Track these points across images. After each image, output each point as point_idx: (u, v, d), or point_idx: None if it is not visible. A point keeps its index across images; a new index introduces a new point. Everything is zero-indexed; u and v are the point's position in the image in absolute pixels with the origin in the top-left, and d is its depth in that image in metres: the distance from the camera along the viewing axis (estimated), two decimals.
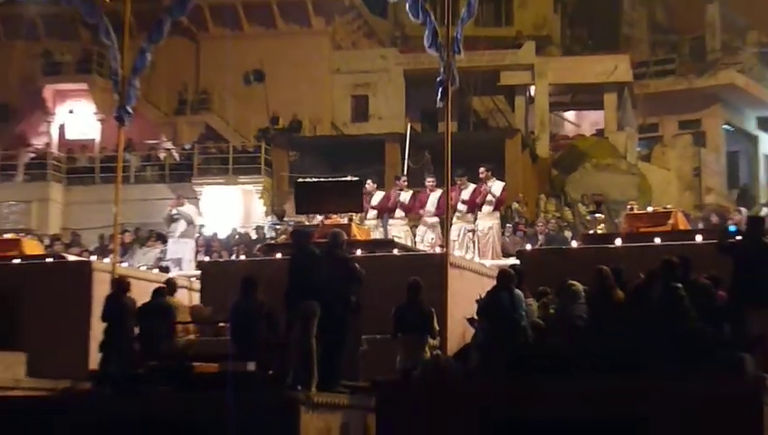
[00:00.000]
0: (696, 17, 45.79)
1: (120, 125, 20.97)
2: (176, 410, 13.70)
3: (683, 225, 19.83)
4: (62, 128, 42.63)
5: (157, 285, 17.55)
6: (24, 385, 17.00)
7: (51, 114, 43.02)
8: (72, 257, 23.61)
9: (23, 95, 43.95)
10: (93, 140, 41.21)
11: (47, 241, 28.87)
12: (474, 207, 22.46)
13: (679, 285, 12.98)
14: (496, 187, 23.26)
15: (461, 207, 22.47)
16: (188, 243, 26.53)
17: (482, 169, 23.72)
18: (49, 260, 22.49)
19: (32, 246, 23.36)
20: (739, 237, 15.35)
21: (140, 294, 17.52)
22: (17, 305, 18.76)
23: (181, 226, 27.52)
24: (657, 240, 17.70)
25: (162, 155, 38.57)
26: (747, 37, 42.91)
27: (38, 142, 41.84)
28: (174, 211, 27.75)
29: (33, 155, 40.16)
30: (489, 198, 22.71)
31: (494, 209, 22.93)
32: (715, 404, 11.55)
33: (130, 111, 20.56)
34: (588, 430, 11.52)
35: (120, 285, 16.47)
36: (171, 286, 17.03)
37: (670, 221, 19.54)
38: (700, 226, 21.81)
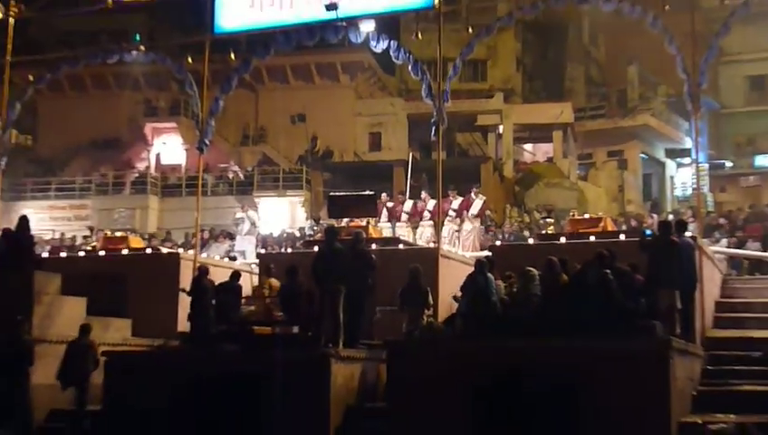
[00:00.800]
0: (620, 75, 45.75)
1: (200, 153, 21.06)
2: (240, 362, 13.74)
3: (610, 227, 19.78)
4: (157, 155, 42.77)
5: (233, 270, 17.68)
6: (130, 343, 17.08)
7: (149, 145, 43.16)
8: (164, 249, 23.63)
9: (129, 131, 44.11)
10: (180, 164, 41.32)
11: (147, 237, 28.91)
12: (461, 213, 22.50)
13: (608, 271, 12.97)
14: (479, 201, 23.31)
15: (451, 213, 22.52)
16: (251, 239, 26.59)
17: (474, 189, 23.86)
18: (148, 251, 22.58)
19: (135, 242, 23.42)
20: (651, 237, 15.39)
21: (215, 275, 17.63)
22: (125, 285, 18.84)
23: (246, 226, 27.59)
24: (592, 238, 17.65)
25: (231, 175, 38.64)
26: (658, 90, 42.82)
27: (140, 166, 42.00)
28: (241, 215, 27.89)
29: (136, 175, 40.28)
30: (473, 208, 22.76)
31: (476, 216, 22.95)
32: (633, 358, 11.54)
33: (208, 142, 20.63)
34: (540, 374, 11.52)
35: (202, 270, 16.52)
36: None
37: (601, 224, 19.50)
38: (623, 228, 21.71)
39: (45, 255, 21.31)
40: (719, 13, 25.00)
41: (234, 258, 23.66)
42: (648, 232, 17.11)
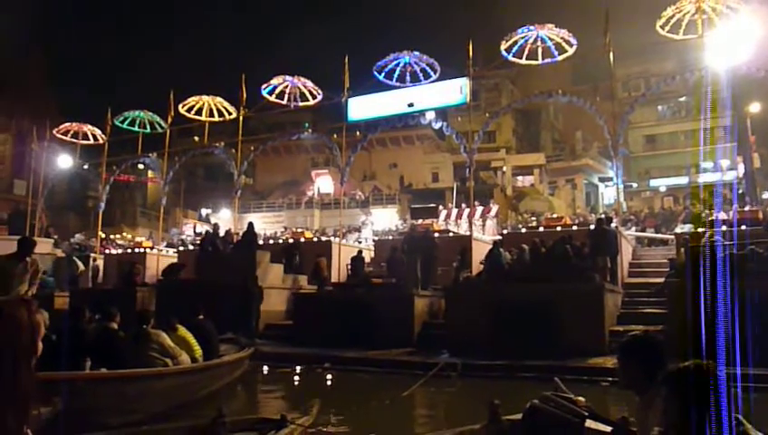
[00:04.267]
0: (571, 137, 44.81)
1: (341, 186, 21.26)
2: (364, 298, 13.86)
3: (568, 222, 19.38)
4: (318, 188, 43.28)
5: (357, 249, 17.80)
6: (305, 288, 17.21)
7: (314, 182, 43.75)
8: (323, 238, 23.90)
9: (303, 175, 44.79)
10: (330, 192, 41.64)
11: (313, 232, 29.30)
12: (484, 216, 22.25)
13: (567, 246, 12.75)
14: (495, 208, 23.14)
15: (478, 215, 22.30)
16: (371, 232, 26.75)
17: (491, 202, 23.73)
18: (315, 239, 22.89)
19: (308, 234, 23.74)
20: (592, 226, 15.06)
21: (349, 252, 17.77)
22: (301, 256, 19.04)
23: (369, 226, 27.83)
24: (558, 228, 17.37)
25: (357, 197, 38.84)
26: (594, 144, 41.77)
27: (309, 193, 42.48)
28: (366, 219, 28.18)
29: (307, 198, 40.85)
30: (491, 212, 22.51)
31: (494, 217, 22.72)
32: (582, 295, 11.34)
33: (345, 180, 20.82)
34: (531, 304, 11.37)
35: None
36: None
37: (563, 220, 19.16)
38: (575, 222, 21.22)
39: (261, 242, 21.81)
40: (628, 100, 24.41)
41: (360, 243, 23.86)
42: (593, 226, 16.67)
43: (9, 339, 1.32)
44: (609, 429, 2.66)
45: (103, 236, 28.06)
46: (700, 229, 16.39)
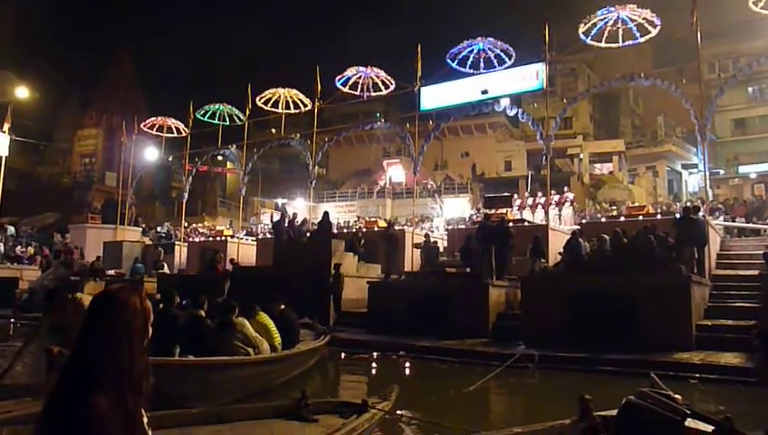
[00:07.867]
0: (652, 122, 42.84)
1: (414, 175, 21.19)
2: (438, 287, 13.77)
3: (651, 211, 18.58)
4: (390, 177, 43.38)
5: (434, 239, 17.66)
6: (379, 277, 17.16)
7: (385, 172, 43.88)
8: (397, 227, 23.77)
9: (375, 165, 44.99)
10: (402, 181, 41.59)
11: (385, 221, 29.38)
12: (560, 204, 21.56)
13: (651, 236, 12.24)
14: (570, 195, 22.36)
15: (554, 204, 21.66)
16: (442, 221, 26.53)
17: (566, 189, 23.00)
18: (384, 230, 22.81)
19: (382, 223, 23.70)
20: (678, 215, 14.37)
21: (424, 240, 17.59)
22: (378, 247, 18.97)
23: (437, 213, 27.57)
24: (640, 217, 16.67)
25: (429, 186, 38.67)
26: (676, 129, 39.80)
27: (381, 183, 42.65)
28: (433, 206, 27.93)
29: (378, 188, 41.05)
30: (567, 200, 21.78)
31: (570, 205, 21.98)
32: (668, 288, 10.83)
33: (417, 170, 20.73)
34: (610, 298, 10.99)
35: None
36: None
37: (645, 209, 18.37)
38: (658, 211, 20.29)
39: (335, 231, 22.07)
40: (716, 82, 23.12)
41: (432, 231, 23.67)
42: (678, 216, 15.86)
43: (125, 325, 1.38)
44: (710, 428, 2.50)
45: (186, 224, 29.23)
46: None
